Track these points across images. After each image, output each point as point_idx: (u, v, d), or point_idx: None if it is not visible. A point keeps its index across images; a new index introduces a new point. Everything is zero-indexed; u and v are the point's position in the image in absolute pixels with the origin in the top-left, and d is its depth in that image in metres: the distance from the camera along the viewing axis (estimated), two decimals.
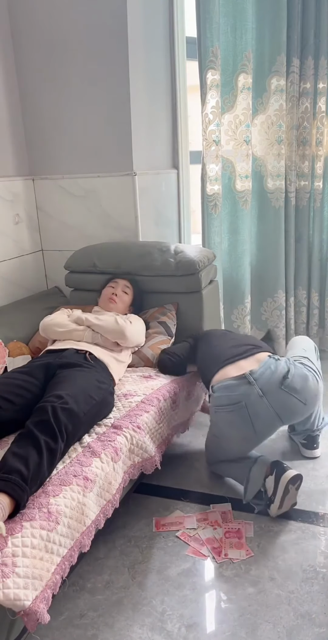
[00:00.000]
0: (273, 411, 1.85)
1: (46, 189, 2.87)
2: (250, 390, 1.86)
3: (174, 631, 1.44)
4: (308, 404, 1.91)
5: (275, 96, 2.82)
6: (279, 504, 1.80)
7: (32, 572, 1.26)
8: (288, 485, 1.78)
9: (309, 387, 1.90)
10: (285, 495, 1.79)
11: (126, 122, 2.62)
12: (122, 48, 2.52)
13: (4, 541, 1.24)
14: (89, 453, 1.59)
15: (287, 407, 1.87)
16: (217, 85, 2.67)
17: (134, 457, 1.77)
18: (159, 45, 2.79)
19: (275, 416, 1.86)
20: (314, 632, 1.41)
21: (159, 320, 2.41)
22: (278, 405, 1.86)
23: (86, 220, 2.85)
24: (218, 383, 1.95)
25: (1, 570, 1.19)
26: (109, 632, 1.45)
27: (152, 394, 1.99)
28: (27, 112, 2.80)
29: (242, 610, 1.49)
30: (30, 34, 2.66)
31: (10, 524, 1.30)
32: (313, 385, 1.91)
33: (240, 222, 2.94)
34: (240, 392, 1.87)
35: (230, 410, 1.88)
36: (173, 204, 3.07)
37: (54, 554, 1.34)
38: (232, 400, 1.88)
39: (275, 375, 1.88)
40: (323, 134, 2.94)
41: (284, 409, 1.87)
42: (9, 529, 1.28)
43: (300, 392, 1.87)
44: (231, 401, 1.88)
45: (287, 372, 1.89)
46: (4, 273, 2.75)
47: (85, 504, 1.46)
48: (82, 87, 2.65)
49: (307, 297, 3.21)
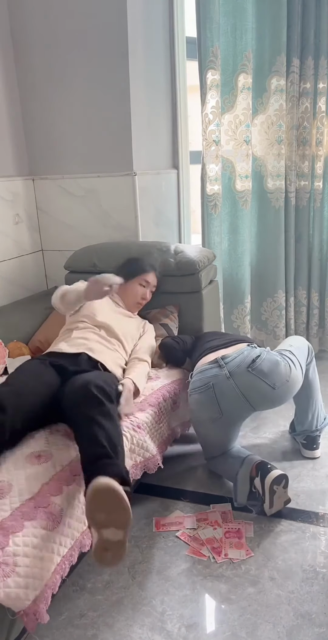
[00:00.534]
0: (239, 392, 1.91)
1: (46, 189, 2.87)
2: (219, 372, 1.94)
3: (174, 631, 1.44)
4: (278, 388, 1.92)
5: (275, 96, 2.82)
6: (269, 504, 1.81)
7: (32, 571, 1.26)
8: (272, 486, 1.80)
9: (279, 372, 1.93)
10: (272, 495, 1.80)
11: (126, 122, 2.62)
12: (122, 48, 2.52)
13: (6, 540, 1.25)
14: None
15: (252, 388, 1.91)
16: (217, 85, 2.67)
17: (135, 457, 1.77)
18: (159, 45, 2.79)
19: (241, 397, 1.91)
20: (314, 632, 1.41)
21: (161, 323, 2.42)
22: (244, 386, 1.91)
23: (86, 220, 2.85)
24: (196, 369, 2.04)
25: (2, 569, 1.19)
26: (109, 632, 1.45)
27: (152, 394, 1.99)
28: (27, 112, 2.80)
29: (242, 610, 1.49)
30: (30, 34, 2.66)
31: (11, 522, 1.30)
32: (284, 371, 1.94)
33: (240, 222, 2.94)
34: (210, 375, 1.95)
35: (200, 392, 1.96)
36: (174, 204, 3.07)
37: (54, 553, 1.35)
38: (203, 382, 1.96)
39: (246, 360, 1.95)
40: (323, 134, 2.94)
41: (250, 390, 1.91)
42: (10, 527, 1.28)
43: (267, 376, 1.91)
44: (202, 383, 1.96)
45: (257, 356, 1.94)
46: (4, 273, 2.75)
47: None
48: (82, 87, 2.65)
49: (307, 297, 3.21)
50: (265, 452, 2.26)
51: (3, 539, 1.25)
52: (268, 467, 1.83)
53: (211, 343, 2.16)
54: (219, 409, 1.92)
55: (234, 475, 1.91)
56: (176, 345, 2.25)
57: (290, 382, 1.96)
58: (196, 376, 2.01)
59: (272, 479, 1.79)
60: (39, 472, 1.48)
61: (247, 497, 1.88)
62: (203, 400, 1.95)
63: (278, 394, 1.94)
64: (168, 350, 2.25)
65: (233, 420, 1.99)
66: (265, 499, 1.82)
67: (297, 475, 2.08)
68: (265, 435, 2.41)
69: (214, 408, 1.93)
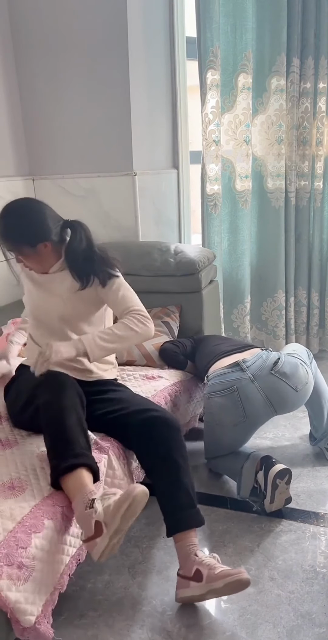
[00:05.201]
0: (264, 394, 1.90)
1: (46, 189, 2.87)
2: (242, 375, 1.94)
3: (174, 631, 1.44)
4: (299, 391, 1.94)
5: (275, 96, 2.82)
6: (270, 499, 1.81)
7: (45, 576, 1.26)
8: (275, 479, 1.79)
9: (299, 375, 1.95)
10: (274, 490, 1.80)
11: (126, 122, 2.62)
12: (122, 48, 2.52)
13: (28, 539, 1.23)
14: (97, 450, 1.60)
15: (276, 391, 1.92)
16: (217, 85, 2.67)
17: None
18: (159, 45, 2.79)
19: (265, 400, 1.91)
20: (314, 632, 1.41)
21: (162, 320, 2.42)
22: (268, 389, 1.91)
23: (86, 220, 2.81)
24: (213, 372, 2.03)
25: (23, 572, 1.18)
26: (109, 632, 1.45)
27: (154, 396, 1.98)
28: (27, 112, 2.80)
29: (242, 610, 1.49)
30: (30, 34, 2.66)
31: (32, 520, 1.28)
32: (303, 374, 1.96)
33: (240, 222, 2.94)
34: (233, 378, 1.94)
35: (222, 395, 1.94)
36: (174, 204, 3.07)
37: (63, 554, 1.35)
38: (225, 385, 1.94)
39: (267, 363, 1.97)
40: (323, 134, 2.94)
41: (274, 392, 1.91)
42: (32, 525, 1.27)
43: (290, 378, 1.92)
44: (224, 387, 1.94)
45: (277, 359, 1.96)
46: (4, 273, 2.74)
47: None
48: (82, 87, 2.65)
49: (307, 297, 3.21)
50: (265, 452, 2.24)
51: (26, 537, 1.23)
52: (272, 461, 1.84)
53: (220, 347, 2.15)
54: (244, 413, 1.91)
55: (239, 469, 1.90)
56: (176, 349, 2.25)
57: (309, 384, 1.98)
58: (215, 379, 1.99)
59: (276, 472, 1.80)
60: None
61: (249, 492, 1.88)
62: (226, 404, 1.93)
63: (299, 397, 1.96)
64: (169, 355, 2.25)
65: (255, 424, 1.98)
66: (267, 494, 1.81)
67: (297, 475, 2.08)
68: (266, 435, 2.41)
69: (238, 412, 1.91)
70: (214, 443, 2.06)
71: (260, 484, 1.85)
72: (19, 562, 1.19)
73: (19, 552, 1.20)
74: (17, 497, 1.35)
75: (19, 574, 1.18)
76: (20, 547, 1.21)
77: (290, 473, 1.84)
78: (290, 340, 3.16)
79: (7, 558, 1.17)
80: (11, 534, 1.23)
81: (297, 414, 2.28)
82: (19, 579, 1.17)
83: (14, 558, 1.18)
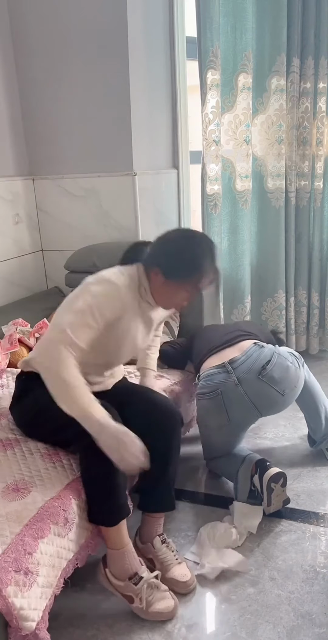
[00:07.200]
0: (249, 399, 1.88)
1: (46, 188, 2.87)
2: (227, 378, 1.90)
3: (174, 631, 1.44)
4: (286, 395, 1.91)
5: (275, 96, 2.82)
6: (267, 502, 1.81)
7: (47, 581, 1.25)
8: (270, 483, 1.79)
9: (288, 378, 1.91)
10: (270, 494, 1.80)
11: (126, 122, 2.62)
12: (122, 48, 2.52)
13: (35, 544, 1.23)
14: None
15: (262, 396, 1.89)
16: (217, 85, 2.67)
17: None
18: (159, 45, 2.79)
19: (250, 405, 1.88)
20: (314, 632, 1.41)
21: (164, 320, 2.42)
22: (254, 394, 1.88)
23: (86, 220, 2.85)
24: (203, 372, 2.01)
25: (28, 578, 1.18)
26: (109, 632, 1.45)
27: None
28: (27, 112, 2.80)
29: (242, 610, 1.49)
30: (30, 34, 2.66)
31: (38, 522, 1.28)
32: (293, 376, 1.92)
33: (240, 222, 2.94)
34: (218, 381, 1.92)
35: (208, 398, 1.93)
36: (174, 204, 3.07)
37: (62, 558, 1.34)
38: (211, 388, 1.92)
39: (256, 364, 1.90)
40: (323, 134, 2.93)
41: (260, 398, 1.89)
42: (38, 529, 1.26)
43: (278, 383, 1.88)
44: (210, 389, 1.93)
45: (267, 361, 1.90)
46: (4, 273, 2.75)
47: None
48: (82, 87, 2.65)
49: (307, 297, 3.21)
50: (265, 452, 2.25)
51: (33, 542, 1.22)
52: (266, 465, 1.83)
53: (213, 342, 2.10)
54: (227, 416, 1.90)
55: (235, 474, 1.90)
56: (173, 350, 2.24)
57: (297, 387, 1.96)
58: (203, 381, 1.97)
59: (270, 476, 1.79)
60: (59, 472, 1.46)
61: (247, 495, 1.88)
62: (211, 407, 1.93)
63: (286, 400, 1.94)
64: (167, 357, 2.23)
65: (241, 427, 1.97)
66: (264, 497, 1.81)
67: (297, 475, 2.08)
68: (266, 435, 2.41)
69: (222, 415, 1.90)
70: (207, 444, 2.07)
71: (257, 487, 1.84)
72: (25, 568, 1.18)
73: (26, 558, 1.19)
74: (22, 499, 1.34)
75: (25, 580, 1.17)
76: (27, 552, 1.20)
77: (285, 476, 1.82)
78: (290, 340, 3.16)
79: (15, 563, 1.16)
80: (18, 537, 1.22)
81: (297, 414, 2.27)
82: (24, 585, 1.17)
83: (21, 564, 1.17)
